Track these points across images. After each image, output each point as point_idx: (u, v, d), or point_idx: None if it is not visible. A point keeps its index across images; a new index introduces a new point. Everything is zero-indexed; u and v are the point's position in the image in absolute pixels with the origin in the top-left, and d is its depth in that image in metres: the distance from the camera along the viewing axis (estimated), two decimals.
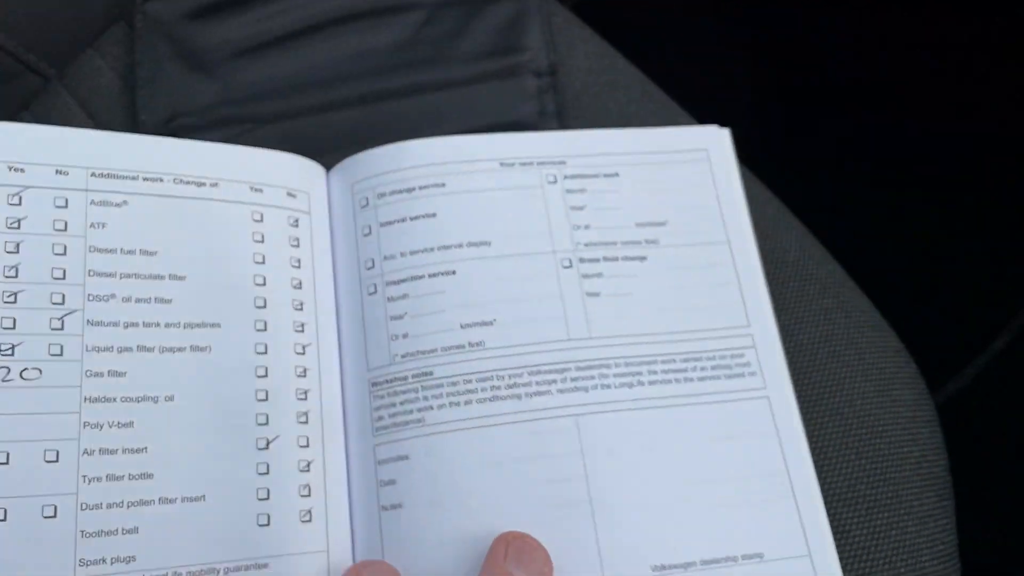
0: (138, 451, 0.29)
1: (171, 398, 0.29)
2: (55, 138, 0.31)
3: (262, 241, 0.32)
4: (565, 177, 0.35)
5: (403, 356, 0.32)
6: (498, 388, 0.31)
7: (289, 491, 0.29)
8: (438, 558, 0.29)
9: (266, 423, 0.29)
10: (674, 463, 0.32)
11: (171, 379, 0.29)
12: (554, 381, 0.32)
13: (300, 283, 0.32)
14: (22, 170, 0.31)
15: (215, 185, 0.32)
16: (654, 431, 0.32)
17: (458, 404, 0.31)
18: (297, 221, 0.33)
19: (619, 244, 0.35)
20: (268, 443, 0.29)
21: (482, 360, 0.32)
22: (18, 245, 0.30)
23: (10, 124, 0.31)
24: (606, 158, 0.36)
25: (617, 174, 0.36)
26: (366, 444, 0.31)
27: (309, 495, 0.29)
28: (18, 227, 0.30)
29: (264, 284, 0.31)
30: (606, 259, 0.34)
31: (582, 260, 0.34)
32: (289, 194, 0.33)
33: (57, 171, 0.31)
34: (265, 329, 0.30)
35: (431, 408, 0.31)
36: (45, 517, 0.28)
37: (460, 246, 0.33)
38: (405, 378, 0.31)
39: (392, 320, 0.32)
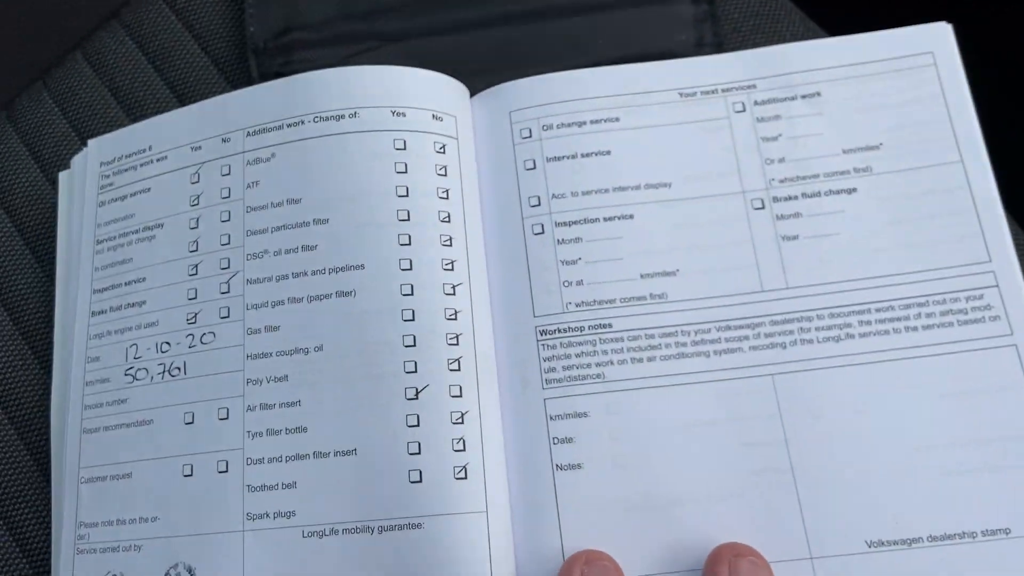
0: (292, 405, 0.30)
1: (320, 348, 0.30)
2: (217, 108, 0.34)
3: (405, 171, 0.31)
4: (755, 104, 0.32)
5: (577, 305, 0.30)
6: (684, 344, 0.30)
7: (442, 445, 0.28)
8: (621, 524, 0.28)
9: (414, 371, 0.29)
10: (893, 426, 0.28)
11: (319, 329, 0.30)
12: (746, 337, 0.30)
13: (448, 216, 0.31)
14: (200, 147, 0.34)
15: (354, 116, 0.32)
16: (867, 390, 0.28)
17: (640, 360, 0.30)
18: (444, 147, 0.32)
19: (821, 177, 0.31)
20: (417, 392, 0.29)
21: (665, 314, 0.30)
22: (197, 220, 0.34)
23: (190, 107, 0.35)
24: (805, 75, 0.33)
25: (818, 94, 0.33)
26: (533, 397, 0.30)
27: (464, 449, 0.28)
28: (198, 203, 0.35)
29: (408, 219, 0.31)
30: (805, 196, 0.31)
31: (776, 199, 0.31)
32: (435, 117, 0.33)
33: (223, 139, 0.34)
34: (411, 268, 0.30)
35: (611, 363, 0.30)
36: (220, 472, 0.30)
37: (637, 188, 0.32)
38: (581, 329, 0.30)
39: (564, 265, 0.31)
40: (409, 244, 0.31)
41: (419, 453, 0.28)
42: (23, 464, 0.35)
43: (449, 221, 0.31)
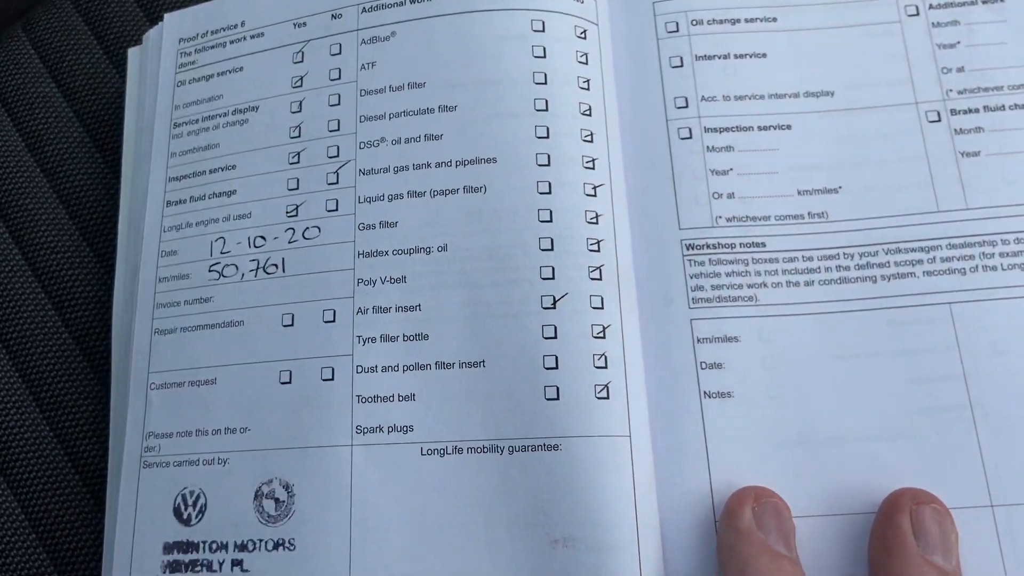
0: (411, 309, 0.27)
1: (444, 248, 0.27)
2: None
3: (543, 56, 0.28)
4: (930, 7, 0.29)
5: (728, 220, 0.28)
6: (847, 268, 0.27)
7: (581, 360, 0.25)
8: (775, 461, 0.25)
9: (552, 277, 0.26)
10: None
11: (444, 226, 0.27)
12: (919, 261, 0.27)
13: (589, 110, 0.28)
14: (304, 24, 0.31)
15: None
16: None
17: (797, 284, 0.27)
18: (585, 32, 0.29)
19: (1005, 89, 0.28)
20: (555, 301, 0.26)
21: (826, 235, 0.28)
22: (301, 104, 0.30)
23: None
24: None
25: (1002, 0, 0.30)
26: (679, 316, 0.27)
27: (605, 366, 0.26)
28: (301, 85, 0.31)
29: (546, 109, 0.28)
30: (987, 109, 0.28)
31: (954, 112, 0.28)
32: None
33: (332, 16, 0.30)
34: (548, 164, 0.27)
35: (764, 285, 0.27)
36: (324, 380, 0.27)
37: (796, 96, 0.29)
38: (732, 246, 0.27)
39: (714, 175, 0.28)
40: (547, 137, 0.27)
41: (556, 368, 0.25)
42: (79, 370, 0.32)
43: (590, 115, 0.28)
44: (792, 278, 0.27)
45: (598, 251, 0.27)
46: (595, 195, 0.27)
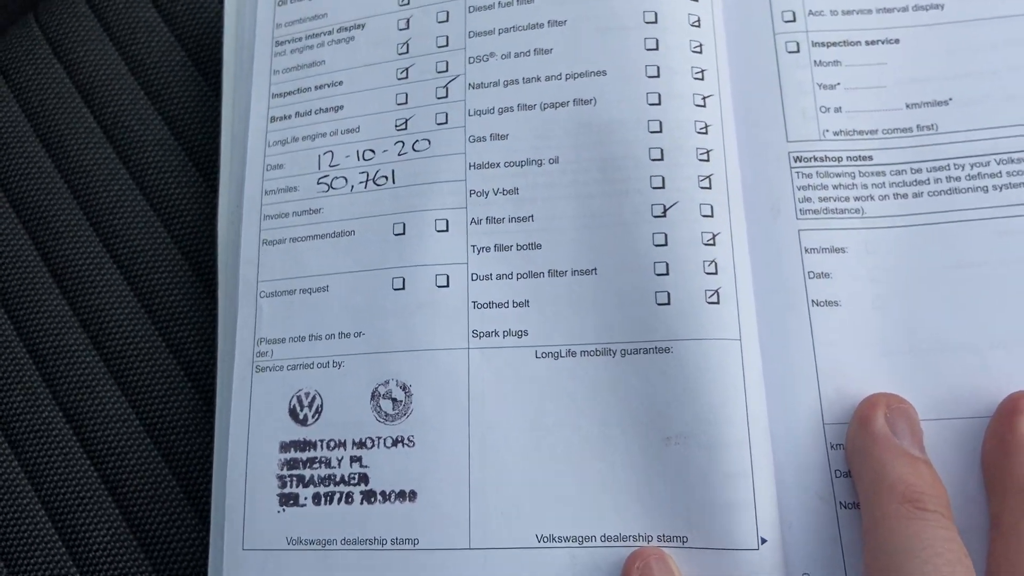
0: (524, 219, 0.28)
1: (555, 160, 0.28)
2: None
3: None
4: None
5: (835, 133, 0.28)
6: (956, 179, 0.27)
7: (692, 266, 0.26)
8: (876, 368, 0.26)
9: (662, 186, 0.27)
10: None
11: (554, 138, 0.28)
12: None
13: (699, 20, 0.29)
14: None
15: None
16: None
17: (905, 196, 0.28)
18: None
19: None
20: (665, 210, 0.27)
21: (935, 147, 0.28)
22: (408, 21, 0.31)
23: None
24: None
25: None
26: (786, 227, 0.28)
27: (715, 272, 0.27)
28: (408, 3, 0.31)
29: (655, 22, 0.28)
30: None
31: None
32: None
33: None
34: (658, 75, 0.28)
35: (871, 198, 0.28)
36: (439, 287, 0.29)
37: (905, 9, 0.29)
38: (839, 159, 0.28)
39: (822, 89, 0.28)
40: (656, 49, 0.28)
41: (667, 274, 0.26)
42: (187, 281, 0.34)
43: (699, 26, 0.28)
44: (900, 190, 0.28)
45: (707, 160, 0.27)
46: (704, 105, 0.28)
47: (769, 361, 0.27)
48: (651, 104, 0.28)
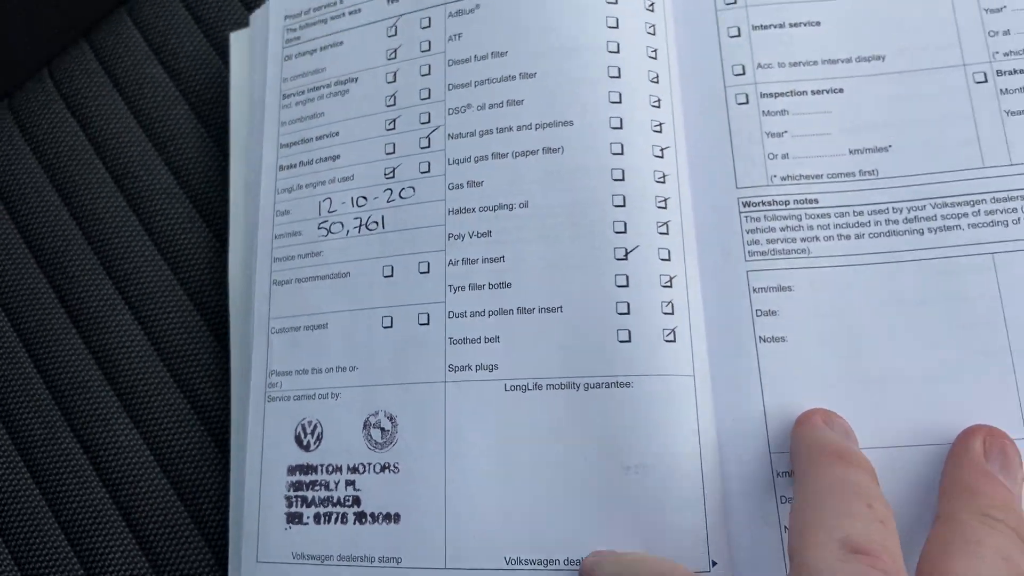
0: (496, 260, 0.30)
1: (525, 204, 0.30)
2: None
3: (616, 27, 0.31)
4: None
5: (783, 179, 0.30)
6: (895, 222, 0.29)
7: (651, 306, 0.28)
8: (821, 399, 0.28)
9: (624, 231, 0.29)
10: None
11: (525, 184, 0.30)
12: (965, 215, 0.29)
13: (657, 77, 0.30)
14: (397, 0, 0.35)
15: None
16: None
17: (848, 237, 0.29)
18: (652, 5, 0.31)
19: None
20: (627, 253, 0.29)
21: (876, 191, 0.29)
22: (395, 74, 0.33)
23: None
24: None
25: None
26: (735, 269, 0.29)
27: (672, 312, 0.28)
28: (395, 57, 0.34)
29: (619, 76, 0.30)
30: None
31: (1000, 73, 0.29)
32: None
33: None
34: (621, 127, 0.30)
35: (817, 239, 0.29)
36: (420, 324, 0.31)
37: (848, 60, 0.30)
38: (786, 203, 0.29)
39: (769, 137, 0.30)
40: (620, 102, 0.30)
41: (628, 314, 0.28)
42: (194, 323, 0.37)
43: (658, 82, 0.30)
44: (843, 231, 0.29)
45: (665, 208, 0.29)
46: (662, 156, 0.29)
47: (720, 395, 0.28)
48: (614, 154, 0.29)
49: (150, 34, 0.41)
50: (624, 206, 0.29)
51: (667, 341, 0.28)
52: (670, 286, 0.28)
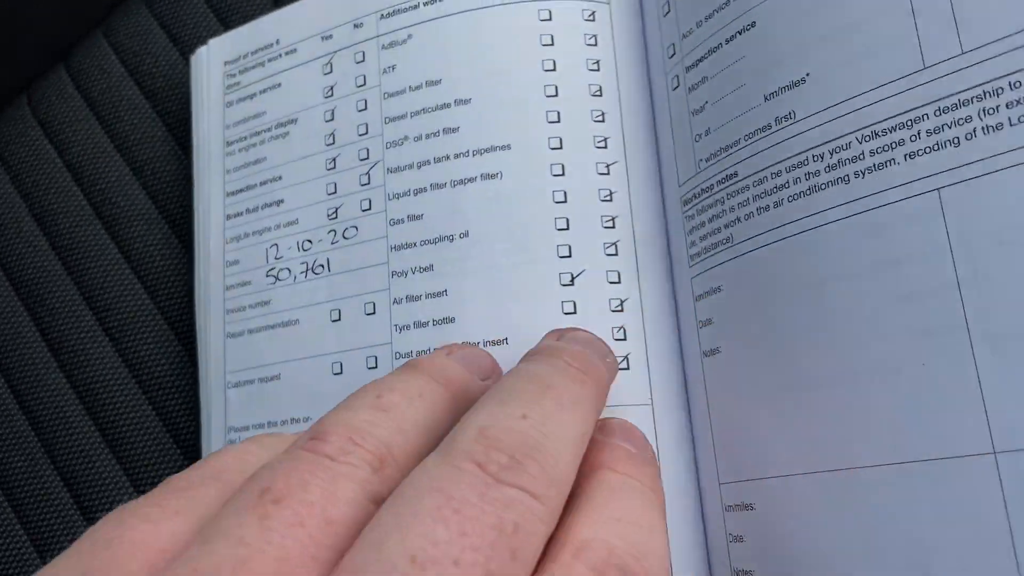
0: (439, 295, 0.29)
1: (465, 235, 0.29)
2: None
3: (551, 44, 0.29)
4: None
5: (707, 160, 0.26)
6: (816, 174, 0.23)
7: (601, 334, 0.26)
8: (757, 414, 0.24)
9: (569, 255, 0.27)
10: None
11: (464, 214, 0.29)
12: (900, 142, 0.22)
13: (600, 90, 0.29)
14: (331, 36, 0.33)
15: None
16: None
17: (767, 208, 0.24)
18: (594, 14, 0.30)
19: None
20: (573, 278, 0.27)
21: (792, 139, 0.24)
22: (333, 112, 0.33)
23: None
24: None
25: None
26: (683, 277, 0.27)
27: (624, 339, 0.27)
28: (332, 94, 0.33)
29: (556, 95, 0.29)
30: None
31: None
32: None
33: (354, 25, 0.32)
34: (561, 147, 0.28)
35: (738, 221, 0.25)
36: (369, 368, 0.29)
37: None
38: (711, 187, 0.26)
39: (694, 116, 0.27)
40: (558, 121, 0.28)
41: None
42: (174, 352, 0.37)
43: (601, 95, 0.29)
44: (761, 203, 0.25)
45: (613, 227, 0.28)
46: (608, 173, 0.28)
47: (679, 420, 0.27)
48: (555, 175, 0.28)
49: (125, 55, 0.41)
50: (568, 229, 0.28)
51: (621, 369, 0.26)
52: (621, 310, 0.27)
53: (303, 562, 0.16)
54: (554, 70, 0.29)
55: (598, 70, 0.29)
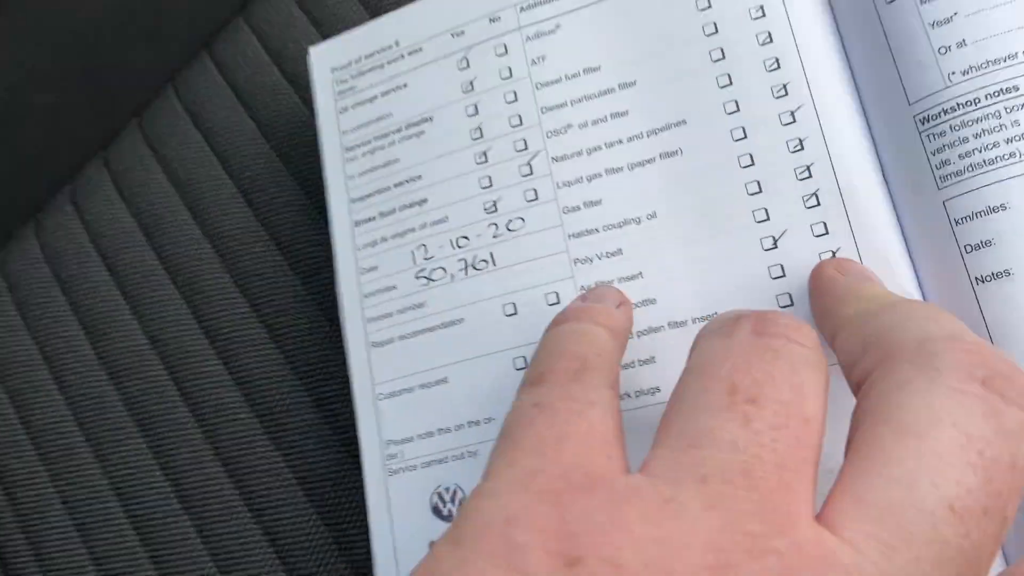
0: (633, 278, 0.29)
1: (653, 215, 0.29)
2: None
3: (709, 6, 0.29)
4: None
5: (964, 73, 0.25)
6: None
7: None
8: None
9: (766, 218, 0.28)
10: None
11: (648, 195, 0.29)
12: None
13: (769, 36, 0.29)
14: (462, 32, 0.33)
15: None
16: None
17: None
18: None
19: None
20: (775, 241, 0.27)
21: None
22: (476, 106, 0.32)
23: None
24: None
25: None
26: (928, 202, 0.25)
27: None
28: (472, 89, 0.32)
29: (723, 57, 0.29)
30: None
31: None
32: None
33: (490, 20, 0.32)
34: (738, 109, 0.28)
35: None
36: None
37: None
38: (976, 100, 0.25)
39: (935, 28, 0.25)
40: (730, 84, 0.29)
41: (792, 304, 0.26)
42: (326, 335, 0.37)
43: (771, 41, 0.29)
44: None
45: (809, 176, 0.27)
46: (794, 120, 0.28)
47: None
48: (736, 140, 0.28)
49: (268, 40, 0.41)
50: (760, 192, 0.28)
51: None
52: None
53: (797, 467, 0.16)
54: (716, 32, 0.29)
55: (764, 16, 0.29)
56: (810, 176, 0.27)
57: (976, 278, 0.24)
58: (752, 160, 0.28)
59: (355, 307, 0.33)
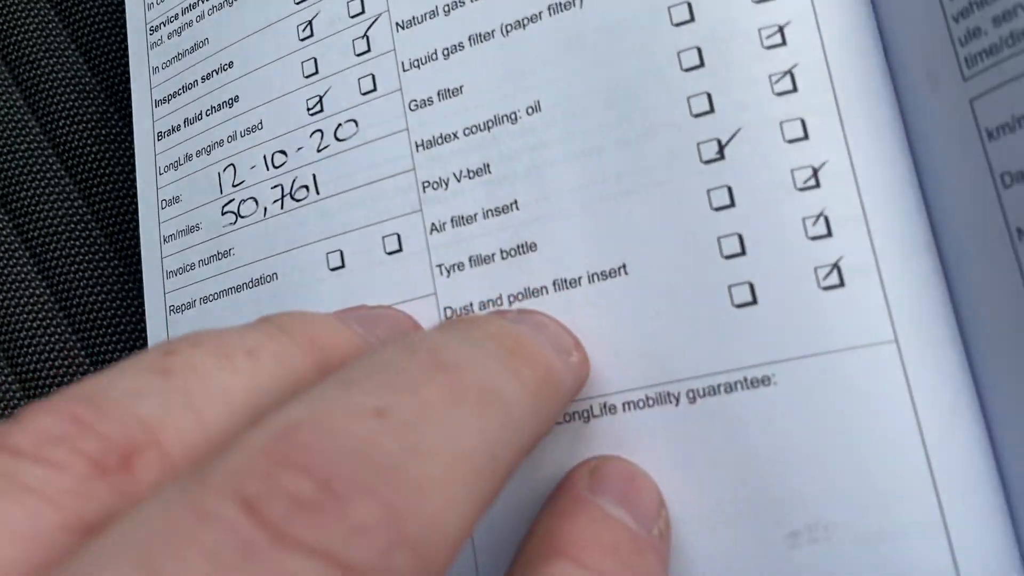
0: (504, 210, 0.18)
1: (535, 107, 0.19)
2: None
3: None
4: None
5: None
6: None
7: (785, 231, 0.17)
8: None
9: (709, 109, 0.17)
10: None
11: (530, 75, 0.19)
12: None
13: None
14: None
15: None
16: None
17: None
18: None
19: None
20: (721, 147, 0.16)
21: None
22: None
23: None
24: None
25: None
26: (948, 100, 0.17)
27: (828, 234, 0.16)
28: None
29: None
30: None
31: None
32: None
33: None
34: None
35: None
36: None
37: None
38: None
39: None
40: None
41: (742, 253, 0.17)
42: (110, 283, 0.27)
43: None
44: None
45: (783, 43, 0.17)
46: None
47: (950, 364, 0.16)
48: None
49: None
50: (702, 65, 0.17)
51: (826, 288, 0.16)
52: (815, 185, 0.17)
53: None
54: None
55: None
56: (784, 43, 0.17)
57: (1020, 229, 0.15)
58: (691, 14, 0.17)
59: (155, 255, 0.23)
